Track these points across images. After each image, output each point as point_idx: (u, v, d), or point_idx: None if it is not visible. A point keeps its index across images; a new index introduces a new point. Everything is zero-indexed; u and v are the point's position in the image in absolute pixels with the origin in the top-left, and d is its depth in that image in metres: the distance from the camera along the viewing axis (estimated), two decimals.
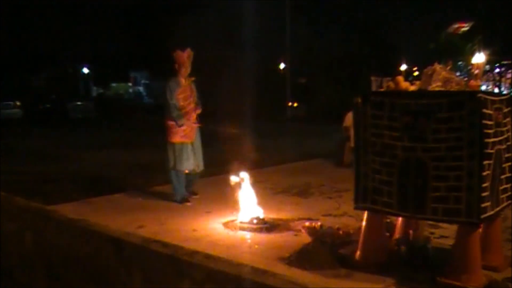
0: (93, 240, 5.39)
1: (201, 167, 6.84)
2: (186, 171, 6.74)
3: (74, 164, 10.53)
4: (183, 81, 6.70)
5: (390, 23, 31.94)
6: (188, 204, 6.65)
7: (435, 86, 3.99)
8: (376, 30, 31.42)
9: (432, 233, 4.90)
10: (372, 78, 4.46)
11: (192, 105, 6.73)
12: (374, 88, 4.42)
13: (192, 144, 6.71)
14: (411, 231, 4.37)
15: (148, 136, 14.46)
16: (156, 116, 8.00)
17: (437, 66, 4.09)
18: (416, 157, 3.81)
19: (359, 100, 4.17)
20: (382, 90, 4.37)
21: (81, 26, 39.83)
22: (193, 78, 6.81)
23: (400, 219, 4.51)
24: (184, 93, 6.68)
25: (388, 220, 4.67)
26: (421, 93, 4.03)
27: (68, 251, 5.65)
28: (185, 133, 6.66)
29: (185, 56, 6.62)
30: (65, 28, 37.77)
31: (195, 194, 6.96)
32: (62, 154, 11.93)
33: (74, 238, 5.60)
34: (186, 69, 6.64)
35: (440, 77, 3.99)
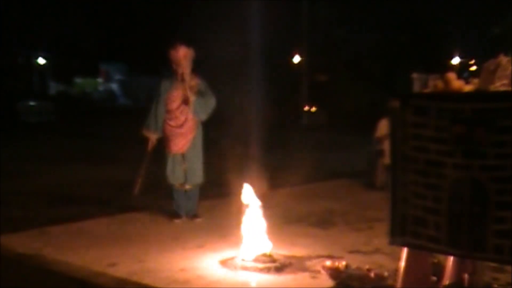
0: (50, 282, 5.37)
1: (193, 181, 7.27)
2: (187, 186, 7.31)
3: (28, 181, 10.55)
4: (178, 83, 7.17)
5: (437, 3, 31.82)
6: (177, 221, 7.22)
7: (500, 85, 3.97)
8: (417, 12, 31.43)
9: (495, 279, 4.88)
10: (414, 76, 4.47)
11: (186, 111, 7.17)
12: (416, 88, 4.42)
13: (183, 155, 7.18)
14: (466, 275, 4.34)
15: (124, 147, 14.52)
16: (134, 122, 8.10)
17: (503, 59, 4.07)
18: (472, 177, 3.79)
19: (397, 103, 4.17)
20: (427, 91, 4.37)
21: (36, 3, 39.80)
22: (195, 81, 7.24)
23: (451, 259, 4.49)
24: (178, 98, 7.16)
25: (435, 260, 4.65)
26: (479, 95, 4.02)
27: None
28: (173, 142, 7.17)
29: (180, 55, 7.10)
30: (15, 6, 37.72)
31: (196, 216, 7.36)
32: (12, 168, 11.94)
33: (24, 280, 5.57)
34: (182, 70, 7.12)
35: (507, 73, 3.97)
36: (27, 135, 21.63)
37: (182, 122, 7.16)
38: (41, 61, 46.41)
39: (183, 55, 7.11)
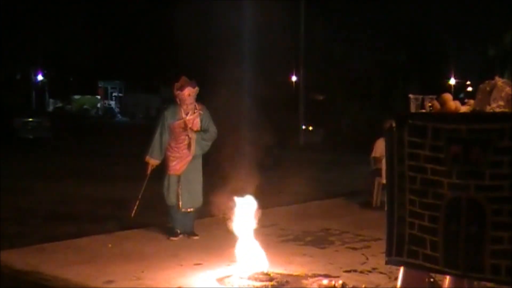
0: None
1: (192, 204, 7.40)
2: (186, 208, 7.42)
3: (25, 198, 10.52)
4: (181, 115, 7.40)
5: (434, 23, 32.00)
6: (173, 239, 7.28)
7: (496, 106, 3.99)
8: (415, 33, 31.59)
9: None
10: (411, 96, 4.49)
11: (188, 139, 7.38)
12: (412, 109, 4.44)
13: (178, 177, 7.35)
14: None
15: (121, 164, 14.49)
16: (131, 139, 8.14)
17: (499, 80, 4.09)
18: (469, 197, 3.81)
19: (393, 123, 4.20)
20: (423, 111, 4.39)
21: (34, 19, 39.72)
22: (198, 112, 7.45)
23: (447, 278, 4.49)
24: (180, 126, 7.38)
25: (432, 280, 4.65)
26: (475, 116, 4.05)
27: None
28: (171, 164, 7.38)
29: (185, 95, 7.32)
30: (13, 22, 37.64)
31: (194, 234, 7.44)
32: (8, 185, 11.90)
33: None
34: (187, 106, 7.40)
35: (503, 95, 3.98)
36: (24, 151, 21.55)
37: (183, 149, 7.35)
38: (39, 77, 46.46)
39: (187, 94, 7.31)
